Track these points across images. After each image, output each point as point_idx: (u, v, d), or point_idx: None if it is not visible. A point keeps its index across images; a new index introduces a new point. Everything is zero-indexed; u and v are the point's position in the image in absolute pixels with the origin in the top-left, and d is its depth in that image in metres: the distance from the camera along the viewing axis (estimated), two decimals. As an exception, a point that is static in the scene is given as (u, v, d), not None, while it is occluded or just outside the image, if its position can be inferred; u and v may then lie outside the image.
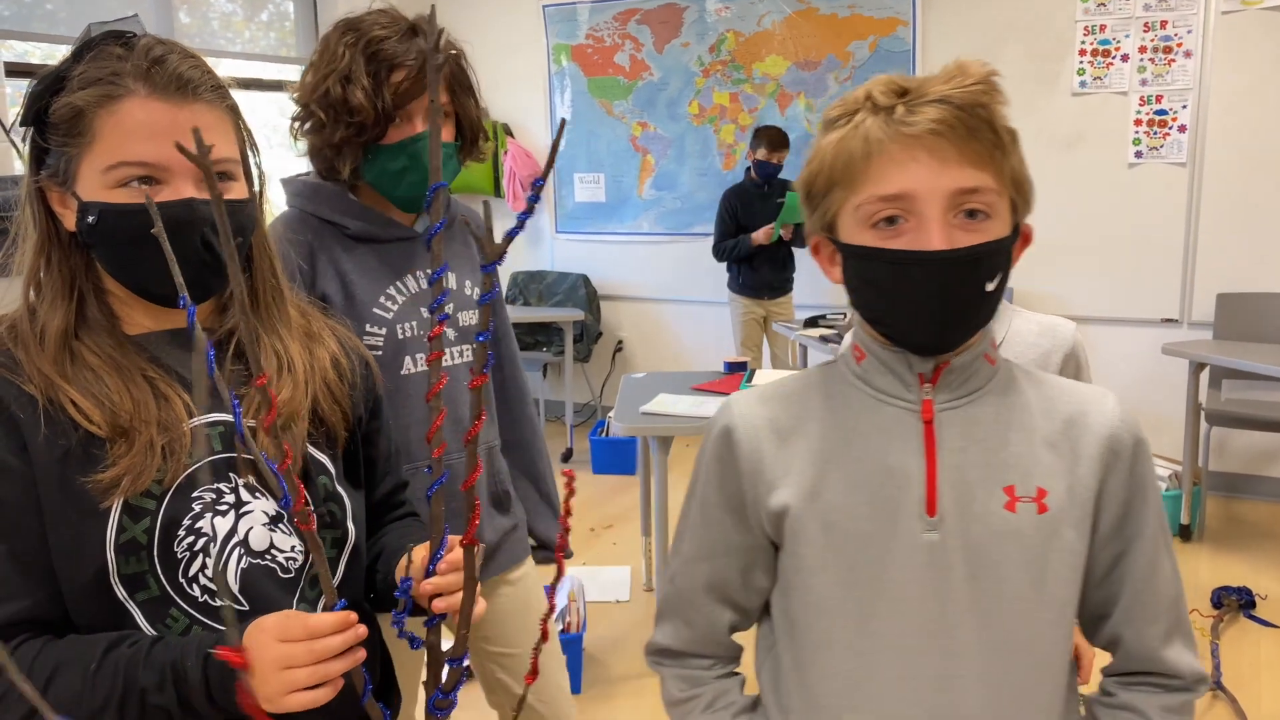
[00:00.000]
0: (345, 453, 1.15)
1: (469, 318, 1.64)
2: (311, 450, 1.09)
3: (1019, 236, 0.98)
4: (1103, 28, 4.40)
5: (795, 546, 1.03)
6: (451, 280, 1.63)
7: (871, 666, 1.00)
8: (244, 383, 1.07)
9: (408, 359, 1.57)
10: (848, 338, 1.08)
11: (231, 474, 1.03)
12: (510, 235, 0.64)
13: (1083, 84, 4.45)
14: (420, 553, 1.04)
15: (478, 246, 1.72)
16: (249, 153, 1.06)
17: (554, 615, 0.93)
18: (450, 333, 1.61)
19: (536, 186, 0.60)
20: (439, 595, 0.97)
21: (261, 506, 1.04)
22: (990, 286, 0.94)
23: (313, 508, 1.07)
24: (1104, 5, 4.38)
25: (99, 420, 0.96)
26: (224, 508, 1.02)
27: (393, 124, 1.48)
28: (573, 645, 2.90)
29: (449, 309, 1.61)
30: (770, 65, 5.16)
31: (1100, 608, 1.05)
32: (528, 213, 0.63)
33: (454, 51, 1.53)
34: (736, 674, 1.16)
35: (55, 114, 0.98)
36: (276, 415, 1.05)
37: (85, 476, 0.95)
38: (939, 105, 0.91)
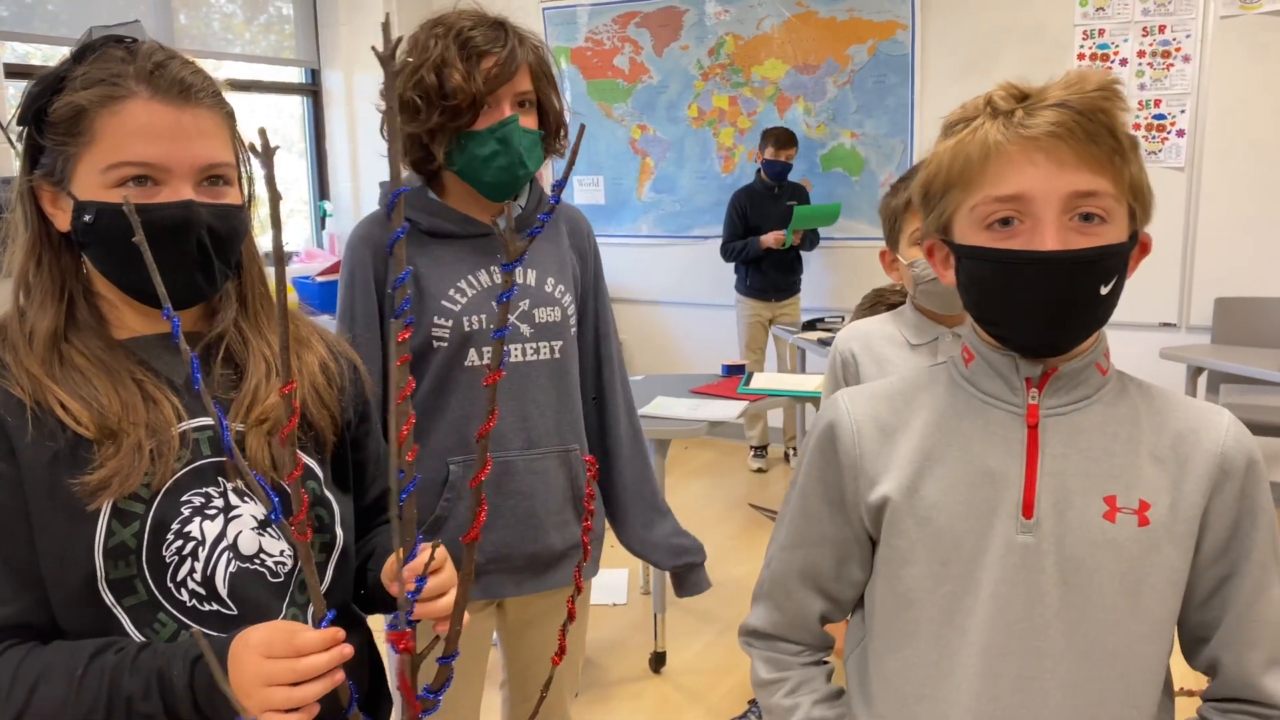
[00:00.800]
0: (334, 457, 1.14)
1: (548, 314, 1.64)
2: (299, 455, 1.09)
3: (1137, 244, 0.98)
4: (1101, 32, 4.41)
5: (890, 539, 1.04)
6: (531, 276, 1.64)
7: (954, 660, 1.01)
8: (233, 387, 1.06)
9: (472, 351, 1.58)
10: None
11: (220, 478, 1.03)
12: (532, 235, 0.65)
13: (1081, 88, 4.46)
14: (393, 559, 1.04)
15: (569, 243, 1.73)
16: (242, 162, 1.07)
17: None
18: (525, 329, 1.62)
19: (557, 187, 0.61)
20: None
21: (250, 510, 1.03)
22: (1105, 290, 0.94)
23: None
24: (1102, 9, 4.39)
25: (87, 421, 0.96)
26: (213, 512, 1.01)
27: (483, 110, 1.53)
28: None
29: (524, 304, 1.62)
30: (769, 69, 5.17)
31: (1201, 630, 1.03)
32: (548, 214, 0.64)
33: (536, 44, 1.58)
34: (825, 663, 1.17)
35: (55, 113, 0.98)
36: (267, 420, 1.05)
37: (73, 479, 0.95)
38: (1058, 109, 0.91)
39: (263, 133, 0.67)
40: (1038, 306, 0.94)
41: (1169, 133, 4.34)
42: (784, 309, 4.96)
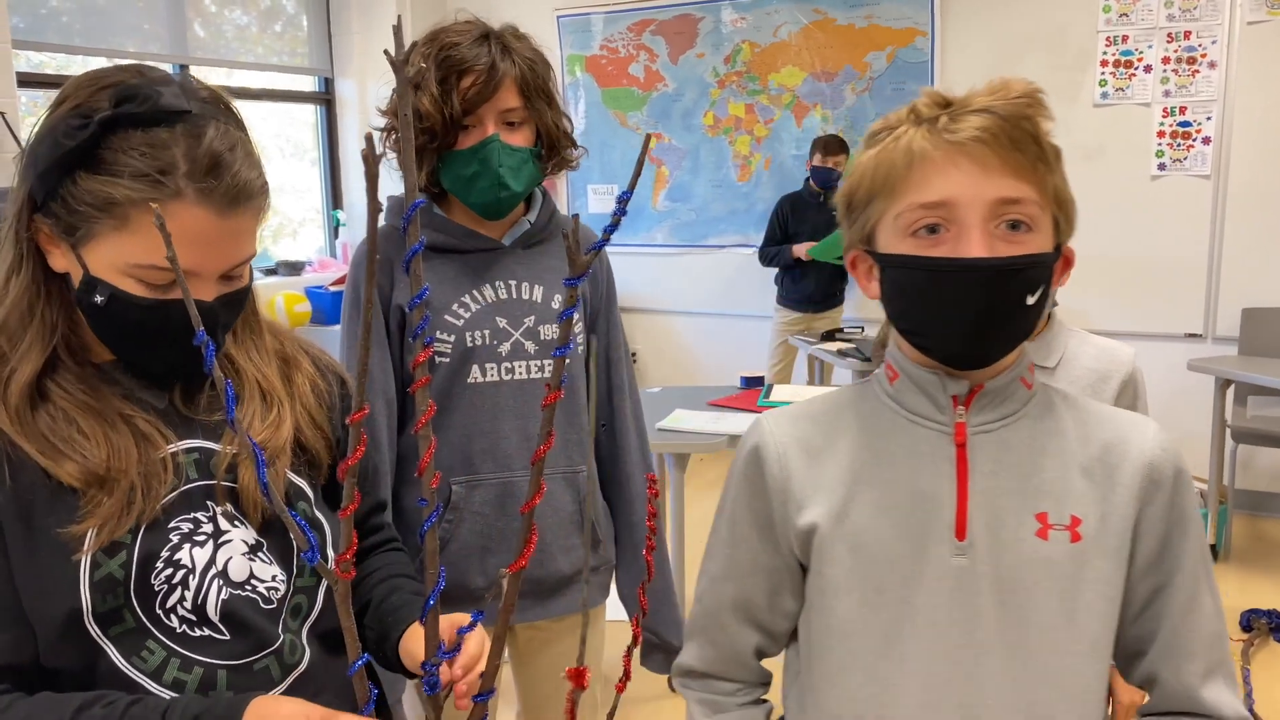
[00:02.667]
0: (326, 477, 1.12)
1: (554, 331, 1.60)
2: (291, 475, 1.06)
3: (1060, 257, 0.96)
4: (1125, 38, 4.35)
5: (821, 567, 1.01)
6: (538, 293, 1.60)
7: (895, 691, 0.97)
8: (221, 408, 1.04)
9: (475, 367, 1.54)
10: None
11: (209, 502, 1.00)
12: (596, 249, 0.60)
13: (1104, 95, 4.40)
14: (417, 636, 1.03)
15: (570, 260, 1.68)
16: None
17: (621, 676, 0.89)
18: (530, 345, 1.57)
19: (622, 199, 0.56)
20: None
21: (240, 535, 1.01)
22: (1031, 300, 0.92)
23: (292, 536, 1.04)
24: (1126, 16, 4.33)
25: (70, 472, 0.93)
26: (201, 538, 0.99)
27: (464, 130, 1.49)
28: (588, 667, 2.85)
29: (530, 321, 1.58)
30: (786, 76, 5.12)
31: (1136, 644, 1.00)
32: (614, 226, 0.59)
33: (528, 57, 1.53)
34: (763, 701, 1.13)
35: (87, 186, 0.91)
36: (263, 448, 1.02)
37: (55, 520, 0.92)
38: (983, 114, 0.90)
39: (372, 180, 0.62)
40: (963, 315, 0.91)
41: (1194, 140, 4.27)
42: (823, 321, 4.82)
